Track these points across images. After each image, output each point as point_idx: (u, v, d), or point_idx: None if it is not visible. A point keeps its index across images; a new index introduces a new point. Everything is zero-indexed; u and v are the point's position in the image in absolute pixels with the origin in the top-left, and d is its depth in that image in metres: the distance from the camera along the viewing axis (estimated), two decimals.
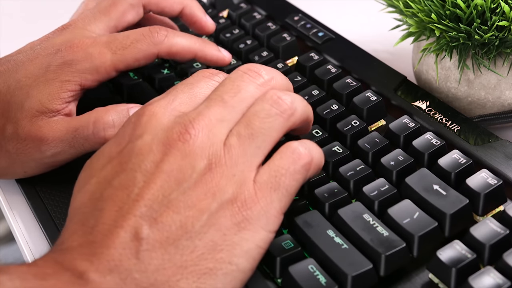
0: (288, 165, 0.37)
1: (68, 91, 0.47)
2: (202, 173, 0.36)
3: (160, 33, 0.49)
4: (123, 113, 0.47)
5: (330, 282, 0.36)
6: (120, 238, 0.34)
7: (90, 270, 0.33)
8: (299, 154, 0.37)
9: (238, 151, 0.37)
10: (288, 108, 0.38)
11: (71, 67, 0.48)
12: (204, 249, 0.34)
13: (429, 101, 0.48)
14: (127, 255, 0.34)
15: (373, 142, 0.45)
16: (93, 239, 0.34)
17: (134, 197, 0.35)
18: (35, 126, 0.47)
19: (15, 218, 0.50)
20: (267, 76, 0.40)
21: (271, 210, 0.36)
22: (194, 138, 0.36)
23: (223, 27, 0.61)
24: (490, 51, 0.47)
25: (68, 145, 0.47)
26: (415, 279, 0.38)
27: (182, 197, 0.35)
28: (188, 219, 0.35)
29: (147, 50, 0.49)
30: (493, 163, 0.42)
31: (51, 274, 0.33)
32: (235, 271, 0.35)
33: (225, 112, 0.38)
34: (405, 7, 0.50)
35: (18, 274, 0.33)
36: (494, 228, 0.37)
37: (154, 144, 0.36)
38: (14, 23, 0.76)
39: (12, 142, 0.47)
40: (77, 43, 0.48)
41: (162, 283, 0.34)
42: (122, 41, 0.49)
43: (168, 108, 0.38)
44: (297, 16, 0.60)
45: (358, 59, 0.54)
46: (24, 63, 0.49)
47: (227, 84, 0.39)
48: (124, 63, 0.49)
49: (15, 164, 0.48)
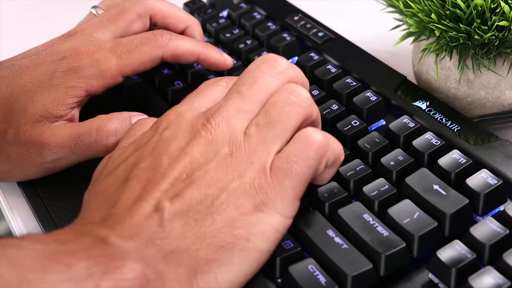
0: (300, 151, 0.38)
1: (73, 97, 0.48)
2: (223, 157, 0.37)
3: (164, 36, 0.50)
4: (125, 121, 0.47)
5: (330, 282, 0.36)
6: (143, 208, 0.36)
7: (112, 235, 0.35)
8: (313, 140, 0.38)
9: (257, 139, 0.38)
10: (306, 98, 0.40)
11: (77, 73, 0.48)
12: (222, 223, 0.36)
13: (429, 101, 0.48)
14: (149, 223, 0.35)
15: (373, 142, 0.45)
16: (115, 211, 0.36)
17: (159, 176, 0.37)
18: (36, 131, 0.47)
19: (15, 218, 0.50)
20: (284, 64, 0.41)
21: (286, 196, 0.37)
22: (215, 127, 0.38)
23: (223, 27, 0.61)
24: (490, 51, 0.47)
25: (69, 151, 0.47)
26: (415, 279, 0.38)
27: (203, 176, 0.37)
28: (208, 196, 0.36)
29: (152, 53, 0.49)
30: (493, 163, 0.42)
31: (72, 239, 0.34)
32: (252, 248, 0.36)
33: (242, 103, 0.39)
34: (405, 7, 0.50)
35: (37, 239, 0.34)
36: (494, 228, 0.37)
37: (179, 134, 0.39)
38: (14, 23, 0.76)
39: (13, 146, 0.47)
40: (82, 50, 0.49)
41: (182, 251, 0.35)
42: (127, 45, 0.49)
43: (191, 107, 0.41)
44: (297, 16, 0.60)
45: (358, 59, 0.54)
46: (29, 68, 0.49)
47: (244, 77, 0.41)
48: (130, 67, 0.49)
49: (16, 168, 0.48)
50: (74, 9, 0.59)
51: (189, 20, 0.55)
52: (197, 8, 0.65)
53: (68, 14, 0.60)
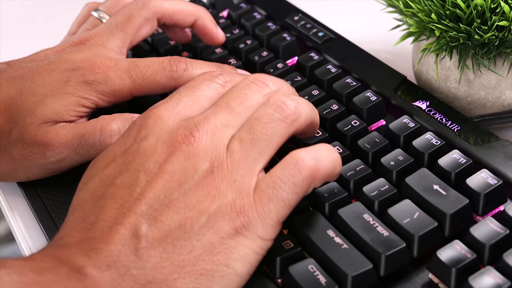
0: (288, 177, 0.36)
1: (84, 107, 0.48)
2: (204, 175, 0.36)
3: (180, 66, 0.49)
4: (128, 121, 0.48)
5: (330, 282, 0.36)
6: (120, 234, 0.34)
7: (88, 265, 0.33)
8: (302, 166, 0.36)
9: (240, 156, 0.37)
10: (291, 113, 0.38)
11: (90, 87, 0.48)
12: (201, 250, 0.35)
13: (429, 101, 0.48)
14: (125, 251, 0.34)
15: (373, 142, 0.45)
16: (92, 235, 0.35)
17: (136, 196, 0.35)
18: (41, 131, 0.47)
19: (15, 218, 0.50)
20: (274, 86, 0.41)
21: (268, 220, 0.36)
22: (198, 140, 0.37)
23: (223, 27, 0.61)
24: (490, 51, 0.47)
25: (73, 151, 0.47)
26: (415, 279, 0.38)
27: (182, 198, 0.35)
28: (187, 219, 0.35)
29: (165, 84, 0.49)
30: (493, 163, 0.42)
31: (48, 268, 0.33)
32: (232, 274, 0.35)
33: (230, 118, 0.38)
34: (405, 7, 0.50)
35: (15, 268, 0.33)
36: (494, 228, 0.37)
37: (158, 145, 0.37)
38: (14, 23, 0.76)
39: (17, 147, 0.47)
40: (98, 64, 0.48)
41: (160, 282, 0.34)
42: (143, 71, 0.49)
43: (173, 111, 0.39)
44: (297, 16, 0.60)
45: (358, 59, 0.54)
46: (41, 73, 0.49)
47: (235, 92, 0.40)
48: (141, 91, 0.49)
49: (19, 169, 0.48)
50: (74, 9, 0.59)
51: (197, 11, 0.55)
52: None
53: (69, 14, 0.60)
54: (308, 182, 0.37)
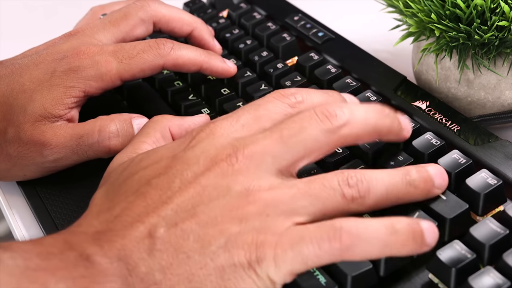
0: (318, 240, 0.34)
1: (72, 97, 0.48)
2: (236, 197, 0.35)
3: (167, 45, 0.50)
4: (126, 122, 0.48)
5: (330, 282, 0.36)
6: (138, 232, 0.35)
7: (98, 254, 0.34)
8: (336, 240, 0.34)
9: (284, 200, 0.35)
10: (356, 191, 0.36)
11: (76, 74, 0.48)
12: (213, 271, 0.34)
13: (429, 101, 0.48)
14: (139, 249, 0.34)
15: (373, 142, 0.45)
16: (112, 227, 0.35)
17: (164, 199, 0.35)
18: (38, 130, 0.47)
19: (15, 218, 0.50)
20: (341, 120, 0.37)
21: (282, 267, 0.34)
22: (240, 163, 0.36)
23: (223, 27, 0.61)
24: (490, 51, 0.47)
25: (71, 151, 0.47)
26: (415, 279, 0.38)
27: (208, 212, 0.35)
28: (206, 235, 0.34)
29: (153, 61, 0.49)
30: (493, 163, 0.42)
31: (55, 253, 0.33)
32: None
33: (280, 150, 0.36)
34: (405, 7, 0.50)
35: (21, 252, 0.33)
36: (494, 228, 0.37)
37: (202, 157, 0.37)
38: (14, 23, 0.76)
39: (14, 145, 0.47)
40: (83, 50, 0.48)
41: None
42: (129, 51, 0.49)
43: (228, 129, 0.38)
44: (297, 16, 0.60)
45: (358, 59, 0.54)
46: (29, 67, 0.49)
47: (292, 122, 0.37)
48: (130, 72, 0.49)
49: (16, 167, 0.48)
50: (74, 9, 0.59)
51: (194, 22, 0.55)
52: (197, 8, 0.65)
53: (69, 14, 0.60)
54: (333, 255, 0.34)
